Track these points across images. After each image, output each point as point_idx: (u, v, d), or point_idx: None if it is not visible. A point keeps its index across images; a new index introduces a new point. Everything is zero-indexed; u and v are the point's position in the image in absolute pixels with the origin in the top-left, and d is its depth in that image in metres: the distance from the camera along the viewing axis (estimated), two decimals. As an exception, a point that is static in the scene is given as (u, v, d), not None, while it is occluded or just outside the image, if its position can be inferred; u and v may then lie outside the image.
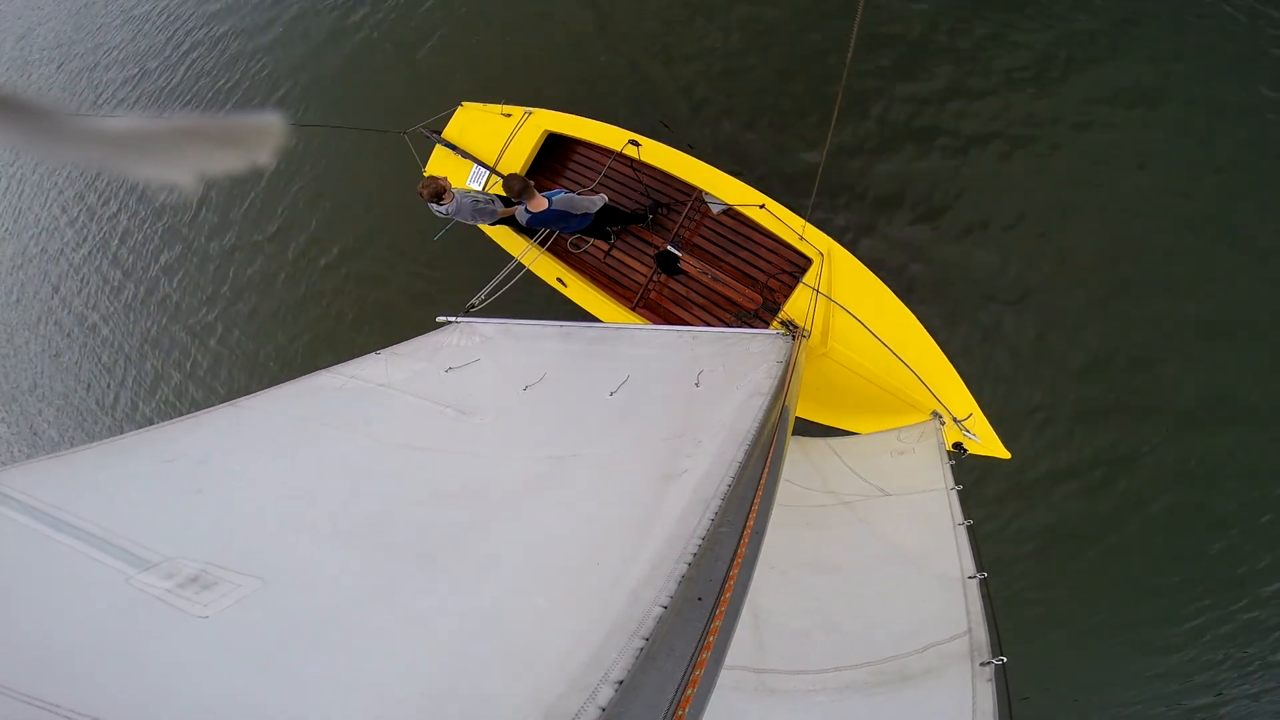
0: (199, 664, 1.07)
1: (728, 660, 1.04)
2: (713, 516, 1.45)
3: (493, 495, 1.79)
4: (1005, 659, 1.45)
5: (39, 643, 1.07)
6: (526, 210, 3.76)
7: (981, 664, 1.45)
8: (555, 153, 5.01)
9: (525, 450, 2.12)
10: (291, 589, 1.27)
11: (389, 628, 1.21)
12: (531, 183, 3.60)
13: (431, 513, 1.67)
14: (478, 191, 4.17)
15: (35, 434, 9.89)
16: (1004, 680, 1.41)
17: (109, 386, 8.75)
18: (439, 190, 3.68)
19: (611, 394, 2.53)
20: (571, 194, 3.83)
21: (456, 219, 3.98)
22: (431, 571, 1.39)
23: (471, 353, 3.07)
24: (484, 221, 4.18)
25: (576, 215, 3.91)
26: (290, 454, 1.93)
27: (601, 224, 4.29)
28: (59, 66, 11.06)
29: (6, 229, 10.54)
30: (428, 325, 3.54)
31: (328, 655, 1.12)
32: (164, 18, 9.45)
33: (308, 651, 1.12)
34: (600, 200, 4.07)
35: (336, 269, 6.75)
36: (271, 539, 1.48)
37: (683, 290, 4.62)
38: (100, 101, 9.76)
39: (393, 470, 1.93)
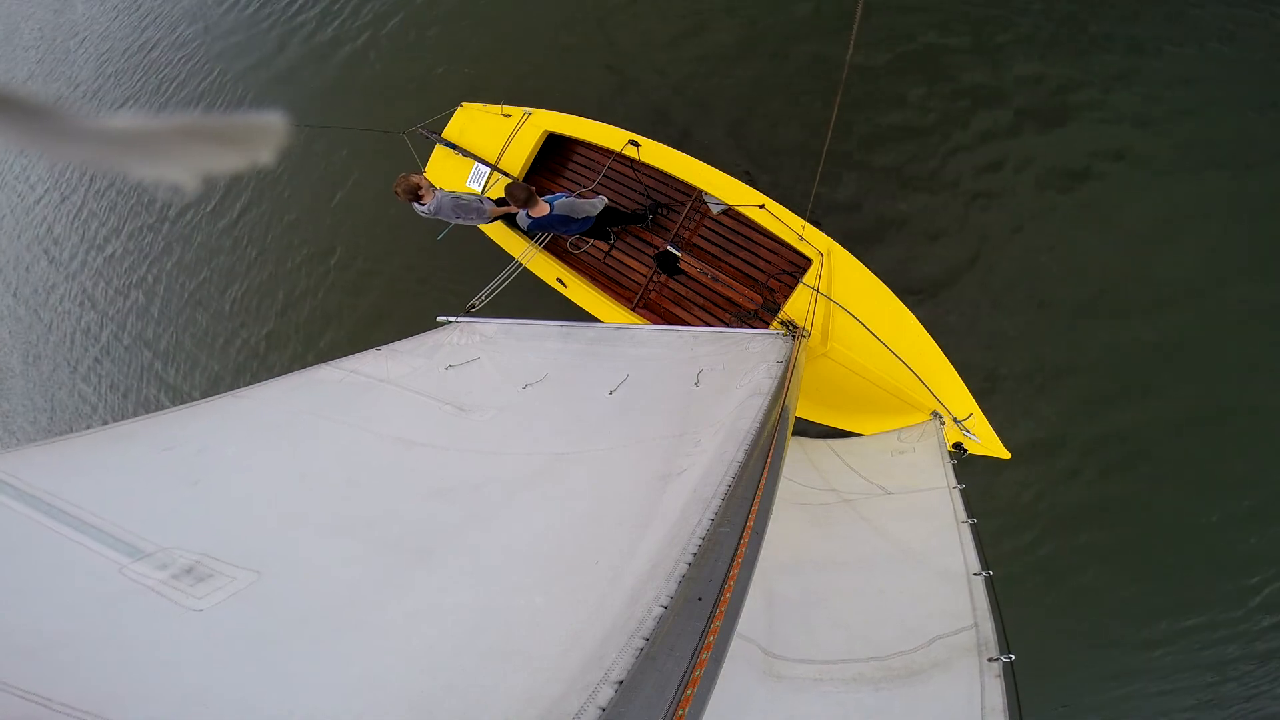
0: (193, 658, 1.05)
1: (739, 628, 1.04)
2: (713, 516, 1.45)
3: (491, 492, 1.79)
4: (1013, 656, 1.44)
5: (29, 633, 1.05)
6: (528, 215, 3.74)
7: (989, 659, 1.45)
8: (555, 153, 5.01)
9: (524, 447, 2.12)
10: (287, 583, 1.26)
11: (385, 623, 1.20)
12: (534, 190, 3.57)
13: (429, 508, 1.66)
14: (459, 191, 4.06)
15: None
16: (1013, 678, 1.40)
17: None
18: (413, 188, 3.52)
19: (611, 393, 2.53)
20: (572, 198, 3.82)
21: (439, 218, 3.87)
22: (429, 567, 1.38)
23: (471, 351, 3.07)
24: (470, 221, 4.06)
25: (577, 219, 3.90)
26: (288, 446, 1.92)
27: (602, 225, 4.29)
28: (39, 60, 11.20)
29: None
30: (427, 327, 3.54)
31: (323, 650, 1.11)
32: (150, 15, 9.54)
33: (303, 646, 1.11)
34: (601, 203, 4.06)
35: (335, 270, 6.75)
36: (268, 532, 1.47)
37: (683, 290, 4.62)
38: (91, 96, 9.88)
39: (391, 465, 1.92)
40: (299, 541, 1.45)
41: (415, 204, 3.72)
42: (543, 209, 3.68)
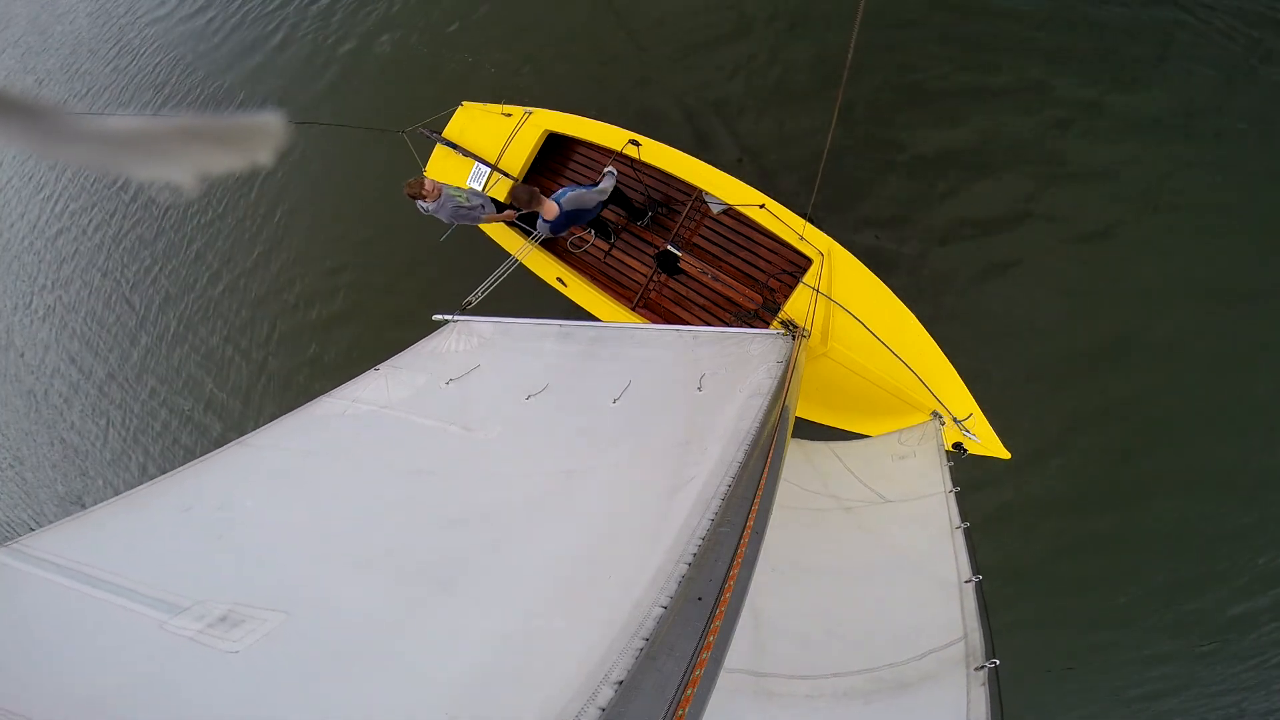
0: (233, 696, 1.13)
1: (726, 663, 1.06)
2: (712, 517, 1.46)
3: (504, 515, 1.82)
4: (998, 661, 1.45)
5: (85, 688, 1.14)
6: (543, 220, 3.66)
7: (976, 668, 1.46)
8: (556, 153, 5.00)
9: (532, 466, 2.14)
10: (314, 620, 1.33)
11: (409, 652, 1.25)
12: (537, 190, 3.49)
13: (446, 537, 1.70)
14: (469, 194, 4.16)
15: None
16: (996, 683, 1.41)
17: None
18: (421, 188, 3.73)
19: (615, 401, 2.53)
20: (578, 189, 3.74)
21: (439, 217, 4.01)
22: (450, 595, 1.42)
23: (471, 358, 3.06)
24: (466, 223, 4.19)
25: (589, 209, 3.81)
26: (302, 489, 1.98)
27: (609, 203, 4.23)
28: (21, 55, 11.32)
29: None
30: (425, 327, 3.53)
31: (353, 681, 1.17)
32: (146, 10, 9.59)
33: (330, 678, 1.18)
34: (610, 182, 3.86)
35: (333, 271, 6.75)
36: (293, 574, 1.54)
37: (683, 290, 4.62)
38: (74, 78, 10.12)
39: (404, 496, 1.95)
40: (323, 580, 1.52)
41: (419, 202, 3.87)
42: (551, 209, 3.59)
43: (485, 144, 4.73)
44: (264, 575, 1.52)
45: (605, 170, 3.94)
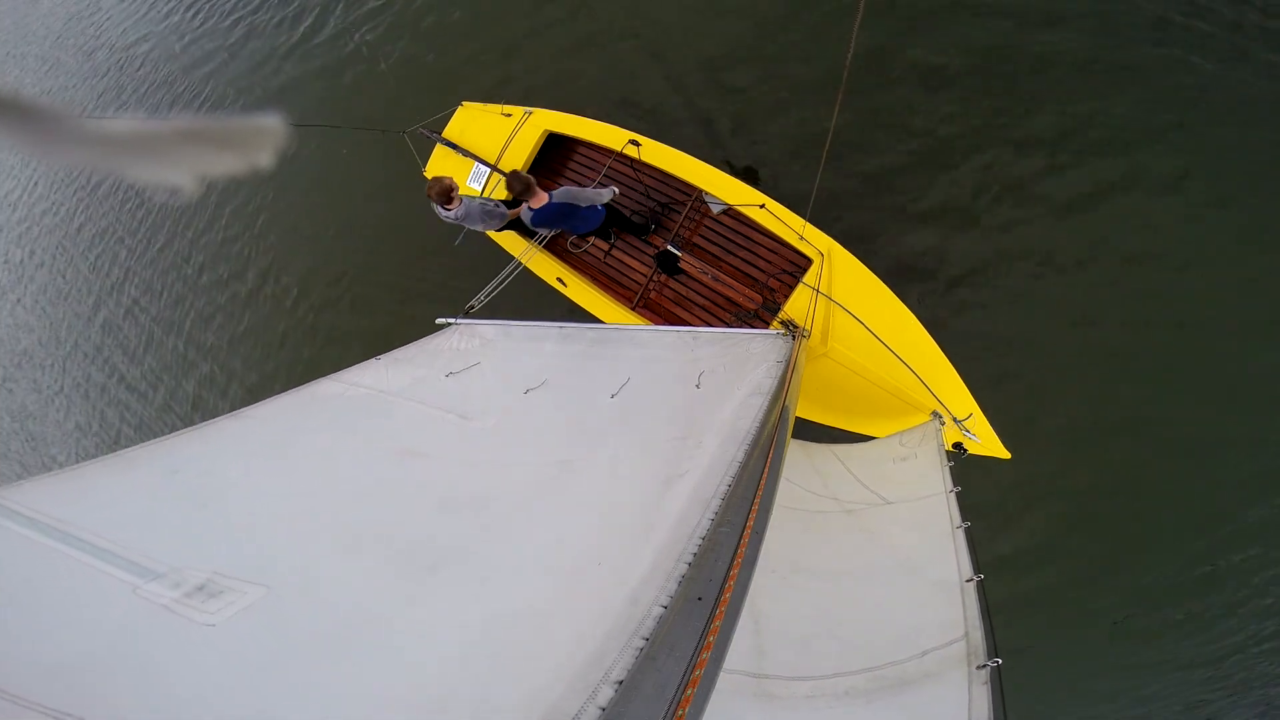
0: (208, 671, 1.09)
1: (726, 664, 1.05)
2: (713, 517, 1.46)
3: (497, 502, 1.80)
4: (1000, 660, 1.45)
5: (53, 654, 1.09)
6: (529, 209, 3.70)
7: (978, 667, 1.46)
8: (555, 153, 5.01)
9: (528, 456, 2.12)
10: (296, 597, 1.29)
11: (394, 635, 1.22)
12: (533, 180, 3.53)
13: (438, 520, 1.68)
14: (483, 198, 4.15)
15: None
16: (998, 682, 1.41)
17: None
18: (446, 192, 3.62)
19: (613, 396, 2.53)
20: (573, 187, 3.76)
21: (465, 224, 3.93)
22: (439, 579, 1.39)
23: (472, 356, 3.06)
24: (491, 226, 4.14)
25: (583, 210, 3.83)
26: (293, 464, 1.94)
27: (608, 225, 4.25)
28: (11, 56, 11.50)
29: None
30: (426, 329, 3.53)
31: (332, 662, 1.13)
32: (143, 9, 9.65)
33: (312, 658, 1.14)
34: (610, 193, 3.96)
35: (332, 272, 6.76)
36: (276, 548, 1.50)
37: (683, 290, 4.62)
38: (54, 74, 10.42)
39: (396, 478, 1.93)
40: (308, 557, 1.48)
41: (441, 208, 3.76)
42: (541, 199, 3.64)
43: (485, 144, 4.74)
44: (247, 547, 1.47)
45: (607, 187, 3.99)
